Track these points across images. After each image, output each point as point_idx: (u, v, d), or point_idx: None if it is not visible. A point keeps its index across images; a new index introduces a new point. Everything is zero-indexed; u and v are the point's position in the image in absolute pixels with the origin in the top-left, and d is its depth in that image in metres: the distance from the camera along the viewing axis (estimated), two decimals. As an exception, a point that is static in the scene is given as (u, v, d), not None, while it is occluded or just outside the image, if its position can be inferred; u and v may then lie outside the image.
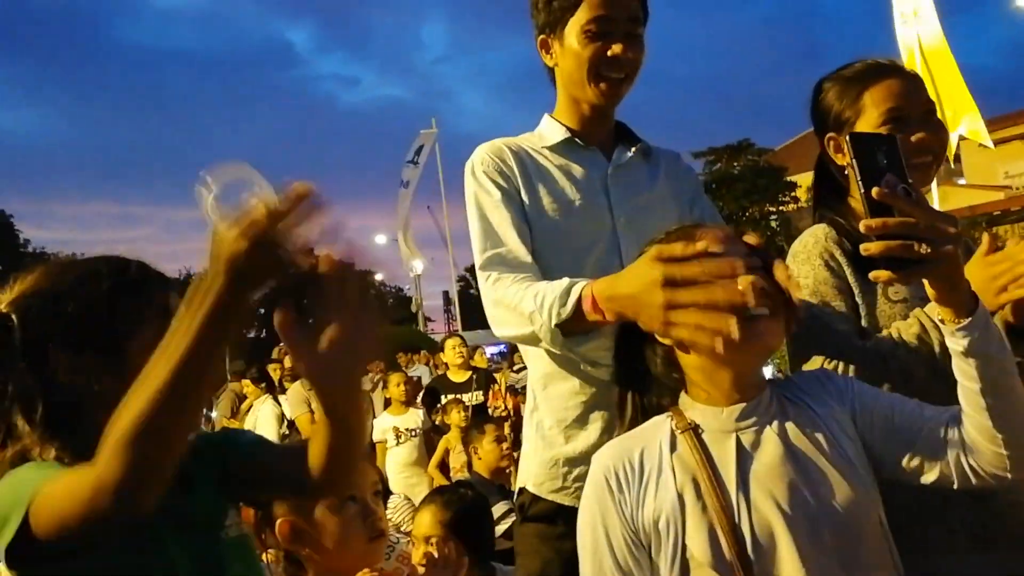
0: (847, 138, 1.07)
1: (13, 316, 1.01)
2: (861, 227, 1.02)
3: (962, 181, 21.79)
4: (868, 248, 1.01)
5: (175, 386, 0.78)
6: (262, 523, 1.58)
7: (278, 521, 1.54)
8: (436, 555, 2.25)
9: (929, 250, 1.00)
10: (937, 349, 1.28)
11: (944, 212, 1.09)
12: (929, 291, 1.05)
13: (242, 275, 0.77)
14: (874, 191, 1.01)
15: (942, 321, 1.05)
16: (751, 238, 1.13)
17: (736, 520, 1.06)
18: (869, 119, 1.46)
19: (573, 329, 1.27)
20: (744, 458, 1.11)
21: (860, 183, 1.03)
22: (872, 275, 1.04)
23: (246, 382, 6.58)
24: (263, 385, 6.38)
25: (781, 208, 26.97)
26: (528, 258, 1.47)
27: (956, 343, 1.03)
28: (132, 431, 0.79)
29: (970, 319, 1.02)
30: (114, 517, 0.83)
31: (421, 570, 2.32)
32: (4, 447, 0.98)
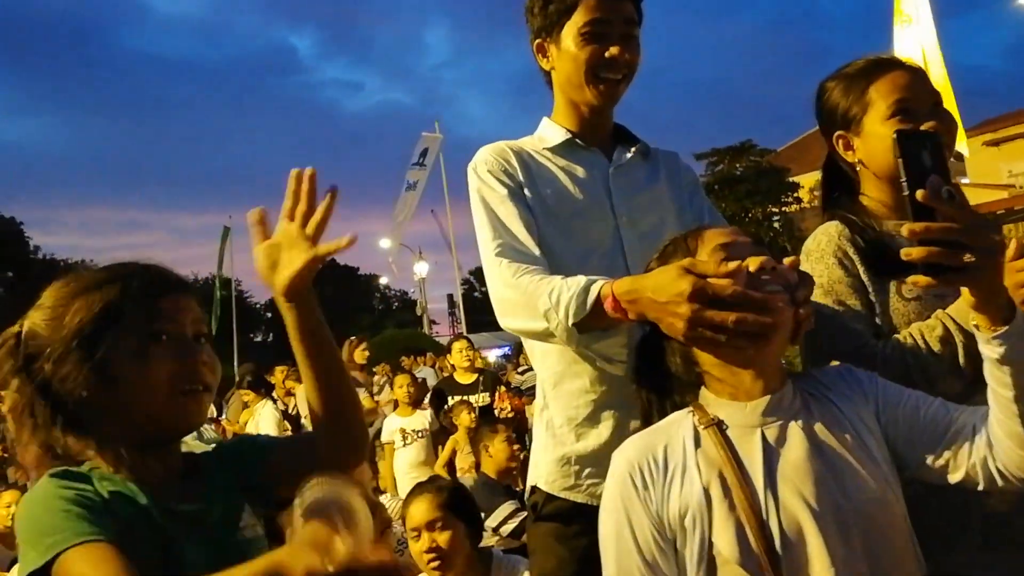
0: (894, 136, 1.03)
1: (24, 330, 1.07)
2: (904, 231, 0.99)
3: (966, 180, 21.71)
4: (910, 253, 0.99)
5: None
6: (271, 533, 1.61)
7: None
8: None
9: (972, 258, 0.98)
10: (961, 353, 1.26)
11: (987, 218, 1.06)
12: (966, 297, 1.03)
13: None
14: (918, 194, 0.98)
15: (976, 327, 1.03)
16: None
17: (764, 517, 1.04)
18: (877, 112, 1.45)
19: (589, 326, 1.27)
20: (770, 454, 1.09)
21: (905, 183, 1.00)
22: (911, 279, 1.02)
23: (244, 391, 6.62)
24: (263, 390, 6.44)
25: (784, 209, 26.83)
26: (537, 251, 1.46)
27: (991, 351, 1.01)
28: None
29: (1007, 327, 0.99)
30: None
31: (424, 559, 2.37)
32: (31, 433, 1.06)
